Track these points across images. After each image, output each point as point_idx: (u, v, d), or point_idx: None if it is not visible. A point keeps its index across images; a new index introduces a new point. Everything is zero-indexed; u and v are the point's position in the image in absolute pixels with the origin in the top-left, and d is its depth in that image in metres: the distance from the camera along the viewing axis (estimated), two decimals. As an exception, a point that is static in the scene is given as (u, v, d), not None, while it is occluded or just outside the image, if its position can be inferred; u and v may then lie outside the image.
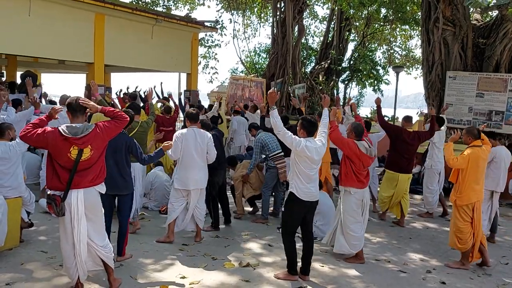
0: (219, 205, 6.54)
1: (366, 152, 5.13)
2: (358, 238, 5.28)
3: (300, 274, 4.77)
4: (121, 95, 10.75)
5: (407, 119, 7.43)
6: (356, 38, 22.09)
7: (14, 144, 5.01)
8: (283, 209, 4.99)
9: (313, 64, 20.91)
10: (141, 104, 9.15)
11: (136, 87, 11.21)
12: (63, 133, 3.70)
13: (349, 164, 5.18)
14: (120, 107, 8.79)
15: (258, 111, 10.78)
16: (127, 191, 4.99)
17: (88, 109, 3.90)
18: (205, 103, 14.44)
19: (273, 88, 7.56)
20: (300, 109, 6.76)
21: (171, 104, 9.59)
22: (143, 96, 10.46)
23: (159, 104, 10.50)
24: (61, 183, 3.77)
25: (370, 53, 21.49)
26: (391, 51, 24.06)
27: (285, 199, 4.79)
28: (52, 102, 10.05)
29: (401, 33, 22.08)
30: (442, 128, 7.85)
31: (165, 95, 10.80)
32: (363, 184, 5.22)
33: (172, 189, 5.83)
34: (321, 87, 17.85)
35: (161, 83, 11.13)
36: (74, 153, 3.73)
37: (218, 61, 20.58)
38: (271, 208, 7.28)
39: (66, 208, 3.79)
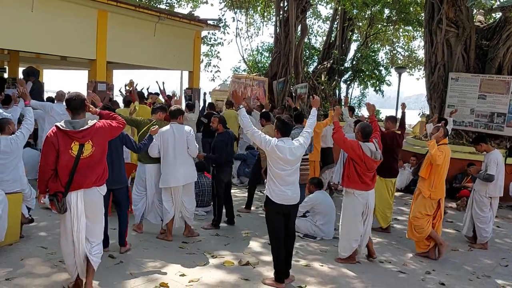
0: (224, 205, 6.43)
1: (371, 155, 5.04)
2: (351, 240, 5.22)
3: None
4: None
5: (393, 119, 7.06)
6: (359, 38, 22.04)
7: (14, 137, 5.05)
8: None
9: (315, 64, 20.83)
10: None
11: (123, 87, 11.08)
12: (61, 128, 3.69)
13: (353, 166, 5.11)
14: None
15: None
16: (121, 184, 5.11)
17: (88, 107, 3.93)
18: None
19: (235, 87, 7.58)
20: (296, 108, 6.73)
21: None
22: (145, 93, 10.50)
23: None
24: (62, 186, 3.73)
25: (373, 54, 21.43)
26: (393, 51, 24.00)
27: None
28: (49, 99, 10.13)
29: (404, 33, 22.03)
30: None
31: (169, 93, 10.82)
32: (367, 186, 5.12)
33: (162, 190, 5.74)
34: (323, 87, 17.82)
35: (163, 82, 11.13)
36: (75, 149, 3.69)
37: (220, 59, 20.47)
38: None
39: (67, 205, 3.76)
